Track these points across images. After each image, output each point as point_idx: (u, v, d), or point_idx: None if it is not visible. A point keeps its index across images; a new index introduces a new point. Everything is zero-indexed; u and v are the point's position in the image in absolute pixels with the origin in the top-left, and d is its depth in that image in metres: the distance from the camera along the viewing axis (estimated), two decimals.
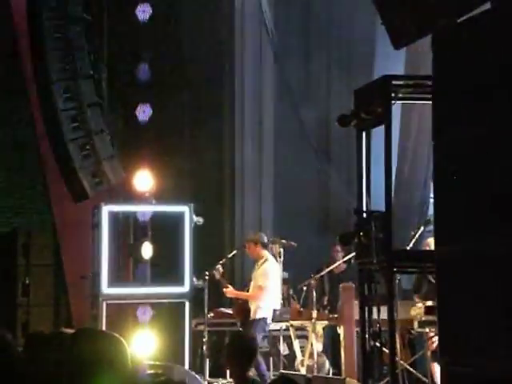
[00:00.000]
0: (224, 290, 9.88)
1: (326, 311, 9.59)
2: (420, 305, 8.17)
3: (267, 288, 9.58)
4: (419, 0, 5.07)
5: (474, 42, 4.56)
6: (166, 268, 10.21)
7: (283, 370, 9.89)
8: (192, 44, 12.04)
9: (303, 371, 9.35)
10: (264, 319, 9.53)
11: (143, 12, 9.69)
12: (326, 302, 10.32)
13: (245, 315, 9.65)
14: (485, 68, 4.46)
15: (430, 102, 5.03)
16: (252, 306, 9.63)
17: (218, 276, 9.90)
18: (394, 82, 5.97)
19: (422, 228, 9.02)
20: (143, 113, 9.63)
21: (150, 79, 9.71)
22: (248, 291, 9.88)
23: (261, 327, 9.49)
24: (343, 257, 10.06)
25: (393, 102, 5.92)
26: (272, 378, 9.00)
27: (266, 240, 9.83)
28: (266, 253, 9.78)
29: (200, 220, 9.77)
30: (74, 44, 10.27)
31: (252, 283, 9.80)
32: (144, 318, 9.17)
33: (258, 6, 11.95)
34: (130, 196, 10.22)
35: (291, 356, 10.25)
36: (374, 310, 6.19)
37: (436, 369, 8.22)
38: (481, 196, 4.46)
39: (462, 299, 4.58)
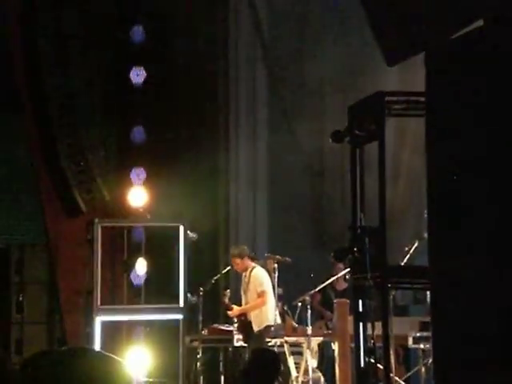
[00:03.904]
0: (228, 312, 9.91)
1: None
2: None
3: (267, 291, 9.67)
4: (412, 17, 5.09)
5: (467, 58, 4.58)
6: (160, 284, 10.19)
7: None
8: (186, 65, 12.05)
9: None
10: (268, 327, 9.53)
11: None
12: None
13: (248, 331, 9.64)
14: (478, 84, 4.47)
15: (424, 118, 5.03)
16: (255, 319, 9.61)
17: (226, 300, 10.00)
18: (387, 98, 5.97)
19: (416, 243, 9.01)
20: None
21: (145, 99, 9.71)
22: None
23: (266, 337, 9.50)
24: (345, 274, 10.05)
25: (386, 117, 5.93)
26: None
27: (249, 251, 9.91)
28: (250, 263, 9.86)
29: (194, 236, 9.75)
30: (69, 60, 10.29)
31: (248, 294, 9.79)
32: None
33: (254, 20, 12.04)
34: (125, 212, 10.21)
35: (286, 373, 10.20)
36: (369, 325, 6.17)
37: None
38: (476, 211, 4.46)
39: (456, 316, 4.57)
